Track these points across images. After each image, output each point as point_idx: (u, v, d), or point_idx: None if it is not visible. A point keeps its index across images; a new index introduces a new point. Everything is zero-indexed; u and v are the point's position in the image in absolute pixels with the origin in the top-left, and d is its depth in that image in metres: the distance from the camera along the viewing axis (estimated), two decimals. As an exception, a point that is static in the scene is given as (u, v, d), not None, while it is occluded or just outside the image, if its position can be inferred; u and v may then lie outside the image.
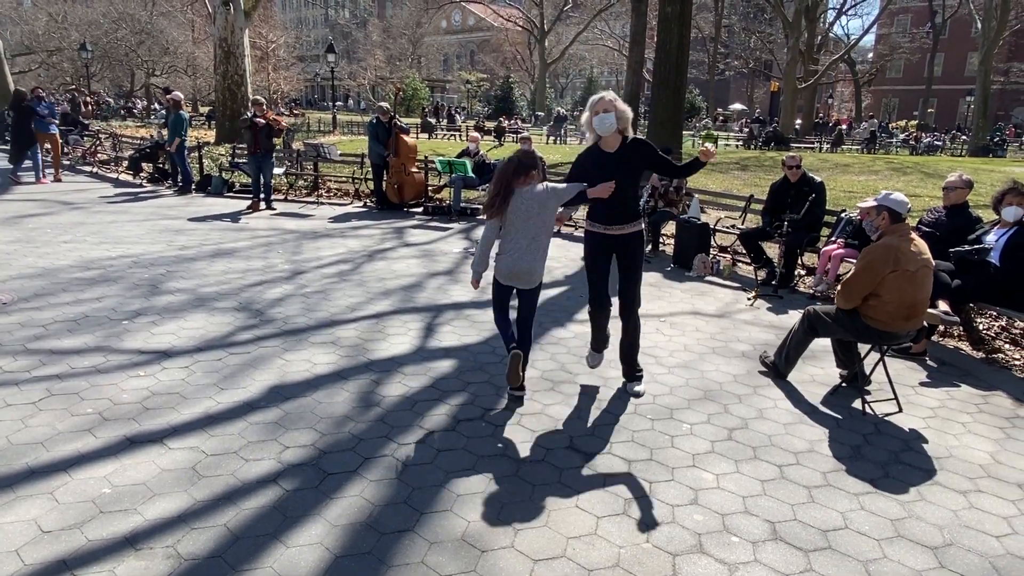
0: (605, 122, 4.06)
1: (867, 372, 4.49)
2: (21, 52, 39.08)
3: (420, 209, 11.43)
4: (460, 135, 31.19)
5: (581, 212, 6.69)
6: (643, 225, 4.37)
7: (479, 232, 9.56)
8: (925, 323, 4.60)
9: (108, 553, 2.70)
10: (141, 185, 13.52)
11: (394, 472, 3.36)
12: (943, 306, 4.95)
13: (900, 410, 4.27)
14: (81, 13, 40.56)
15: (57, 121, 13.73)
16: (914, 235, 4.23)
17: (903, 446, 3.84)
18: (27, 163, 13.14)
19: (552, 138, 31.07)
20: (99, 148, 16.95)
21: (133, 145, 15.89)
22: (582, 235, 4.81)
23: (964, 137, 33.73)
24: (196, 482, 3.21)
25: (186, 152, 12.59)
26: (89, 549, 2.72)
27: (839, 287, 4.32)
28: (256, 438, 3.64)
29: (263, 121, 10.54)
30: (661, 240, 8.87)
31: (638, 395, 4.36)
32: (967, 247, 5.35)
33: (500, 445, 3.67)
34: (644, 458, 3.59)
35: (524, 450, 3.62)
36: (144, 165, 14.15)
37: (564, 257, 8.31)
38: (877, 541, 2.96)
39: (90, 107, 30.53)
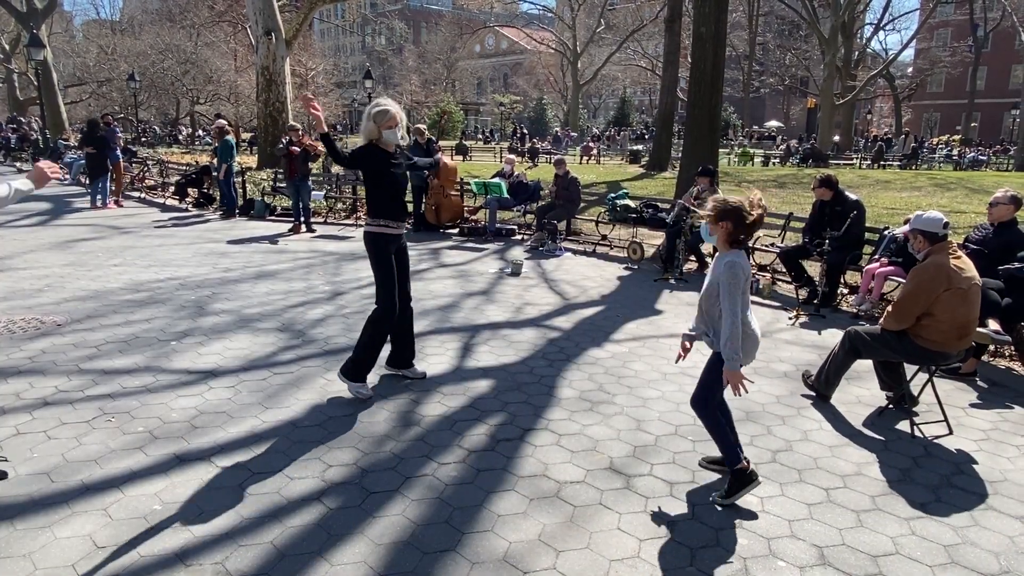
0: (394, 136, 4.36)
1: (915, 393, 4.38)
2: (73, 83, 40.76)
3: (456, 230, 11.55)
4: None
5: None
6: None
7: (513, 253, 9.61)
8: (974, 343, 4.48)
9: (160, 569, 2.77)
10: (187, 210, 13.93)
11: (435, 492, 3.39)
12: (993, 325, 4.82)
13: (950, 432, 4.15)
14: (130, 45, 42.13)
15: (119, 147, 14.20)
16: (960, 253, 4.14)
17: (954, 469, 3.73)
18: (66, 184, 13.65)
19: (585, 158, 31.40)
20: (146, 174, 17.55)
21: (179, 171, 16.40)
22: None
23: (1011, 150, 32.80)
24: (243, 499, 3.27)
25: (232, 177, 12.94)
26: (141, 565, 2.79)
27: (889, 308, 4.23)
28: (300, 456, 3.71)
29: (298, 150, 10.82)
30: (691, 259, 8.81)
31: (424, 375, 4.85)
32: (1017, 264, 5.21)
33: (540, 466, 3.67)
34: (686, 480, 3.55)
35: (564, 471, 3.62)
36: (190, 190, 14.59)
37: (599, 276, 8.30)
38: (930, 568, 2.88)
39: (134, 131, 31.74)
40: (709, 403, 3.39)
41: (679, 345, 3.57)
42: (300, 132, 11.28)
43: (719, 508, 3.28)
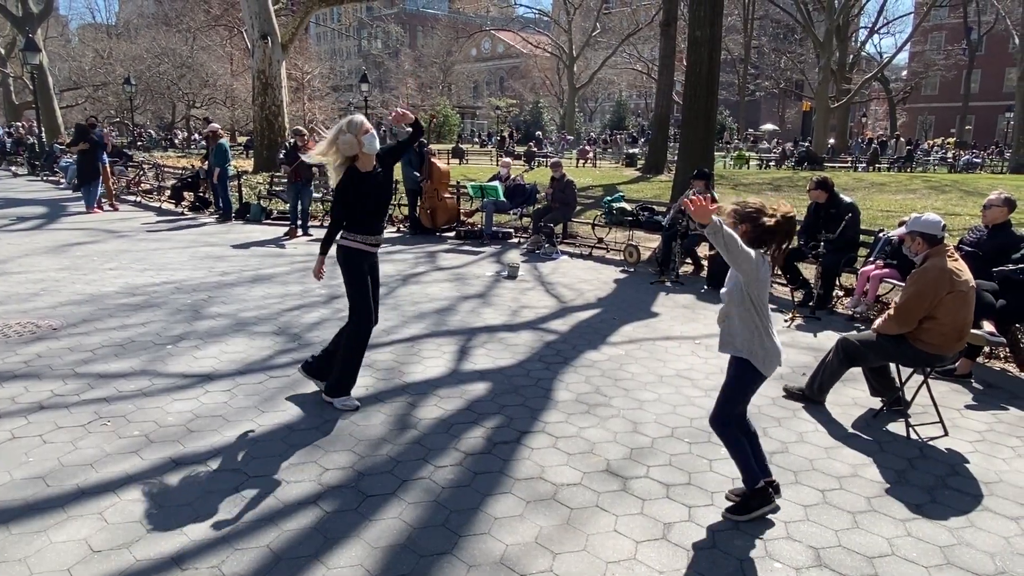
0: (375, 142, 4.08)
1: (908, 397, 4.39)
2: (69, 87, 40.68)
3: (452, 233, 11.55)
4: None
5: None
6: None
7: (510, 256, 9.61)
8: (967, 343, 4.49)
9: (155, 573, 2.76)
10: (183, 213, 13.90)
11: (432, 495, 3.38)
12: (988, 327, 4.84)
13: (946, 434, 4.16)
14: (126, 49, 42.06)
15: (105, 151, 14.12)
16: (956, 255, 4.16)
17: (950, 471, 3.74)
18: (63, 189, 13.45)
19: (581, 161, 31.53)
20: (142, 178, 17.51)
21: (175, 175, 16.37)
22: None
23: (1005, 152, 32.95)
24: (239, 503, 3.27)
25: (228, 181, 12.90)
26: (137, 569, 2.79)
27: (891, 312, 4.23)
28: (296, 460, 3.70)
29: (288, 168, 10.84)
30: (687, 261, 8.82)
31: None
32: (1011, 266, 5.24)
33: (537, 468, 3.67)
34: (683, 482, 3.55)
35: (561, 473, 3.62)
36: (185, 194, 14.56)
37: (595, 279, 8.31)
38: (926, 569, 2.89)
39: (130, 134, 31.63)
40: (728, 420, 3.23)
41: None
42: (305, 136, 11.20)
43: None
